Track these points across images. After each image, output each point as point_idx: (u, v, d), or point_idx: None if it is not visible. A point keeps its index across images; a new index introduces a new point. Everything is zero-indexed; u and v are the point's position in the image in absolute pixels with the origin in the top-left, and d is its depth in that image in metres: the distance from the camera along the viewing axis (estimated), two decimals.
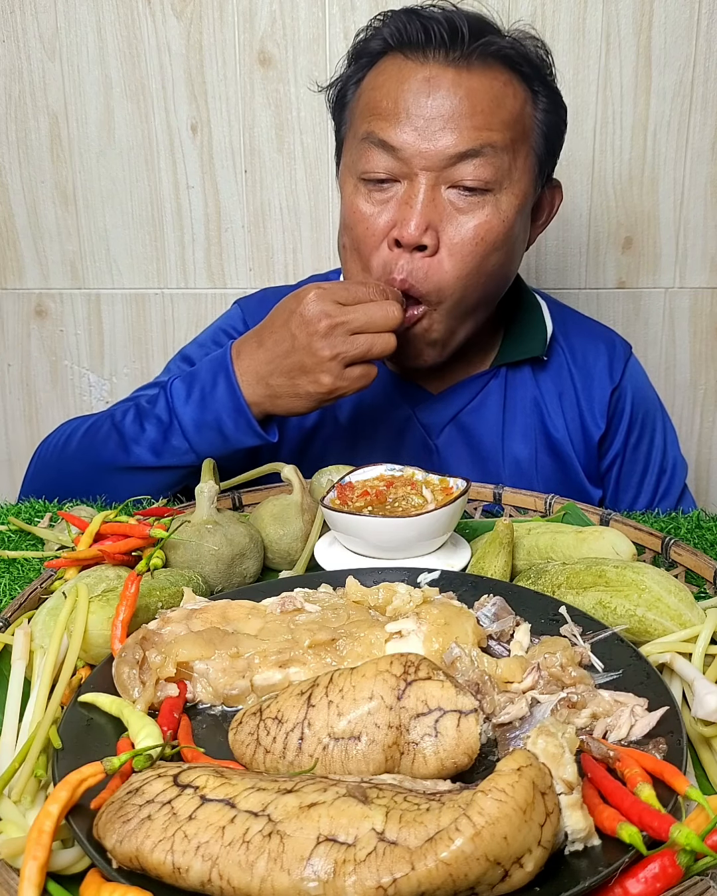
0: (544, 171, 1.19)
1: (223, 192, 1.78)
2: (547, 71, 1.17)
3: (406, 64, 1.11)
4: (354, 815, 0.48)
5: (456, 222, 1.10)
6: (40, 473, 1.27)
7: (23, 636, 0.74)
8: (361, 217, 1.13)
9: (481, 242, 1.10)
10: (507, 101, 1.10)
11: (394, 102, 1.10)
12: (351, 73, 1.18)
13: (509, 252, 1.15)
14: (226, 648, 0.69)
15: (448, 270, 1.10)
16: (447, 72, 1.09)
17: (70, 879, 0.54)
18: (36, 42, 1.71)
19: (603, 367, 1.33)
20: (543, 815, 0.48)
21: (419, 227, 1.08)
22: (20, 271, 1.85)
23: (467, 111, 1.08)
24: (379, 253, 1.12)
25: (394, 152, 1.09)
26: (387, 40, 1.13)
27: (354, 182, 1.14)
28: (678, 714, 0.63)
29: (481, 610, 0.75)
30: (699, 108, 1.71)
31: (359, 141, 1.14)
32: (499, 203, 1.11)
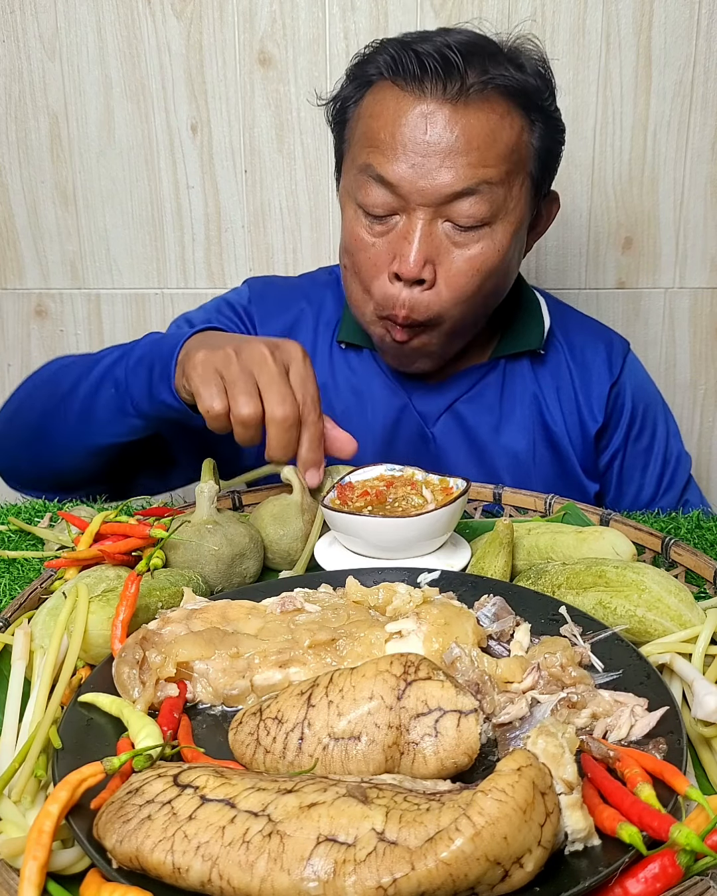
0: (541, 191, 1.21)
1: (223, 192, 1.78)
2: (546, 95, 1.16)
3: (403, 96, 1.11)
4: (354, 815, 0.48)
5: (452, 256, 1.13)
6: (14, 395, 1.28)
7: (23, 636, 0.74)
8: (362, 246, 1.16)
9: (477, 273, 1.14)
10: (503, 134, 1.11)
11: (391, 136, 1.10)
12: (350, 92, 1.19)
13: (504, 274, 1.19)
14: (226, 648, 0.69)
15: (446, 299, 1.14)
16: (444, 107, 1.09)
17: (70, 879, 0.54)
18: (36, 42, 1.71)
19: (602, 363, 1.35)
20: (543, 815, 0.48)
21: (418, 263, 1.11)
22: (20, 271, 1.85)
23: (463, 148, 1.08)
24: (380, 283, 1.15)
25: (392, 187, 1.11)
26: (381, 69, 1.13)
27: (355, 208, 1.17)
28: (678, 714, 0.63)
29: (481, 610, 0.75)
30: (699, 108, 1.71)
31: (358, 171, 1.15)
32: (494, 234, 1.13)
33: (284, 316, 1.34)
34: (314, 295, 1.36)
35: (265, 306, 1.35)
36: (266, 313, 1.34)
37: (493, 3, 1.66)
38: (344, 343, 1.33)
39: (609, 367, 1.35)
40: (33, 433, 1.19)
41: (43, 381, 1.22)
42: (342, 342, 1.33)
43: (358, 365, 1.33)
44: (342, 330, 1.32)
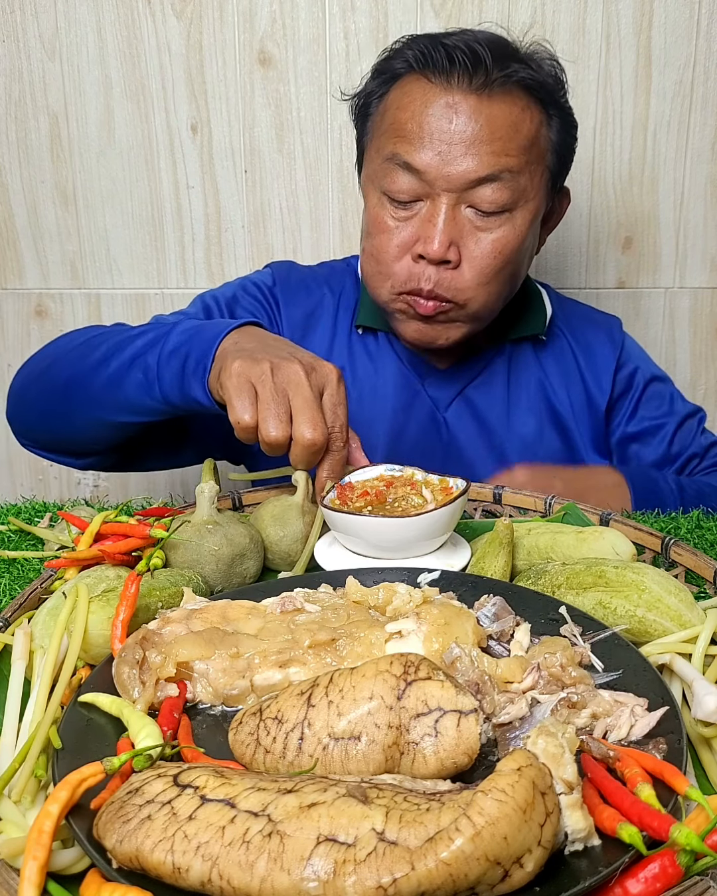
0: (557, 184, 1.28)
1: (223, 192, 1.78)
2: (561, 92, 1.24)
3: (430, 87, 1.17)
4: (354, 815, 0.48)
5: (475, 238, 1.19)
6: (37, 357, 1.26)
7: (23, 636, 0.74)
8: (385, 228, 1.21)
9: (499, 256, 1.20)
10: (524, 126, 1.18)
11: (418, 126, 1.16)
12: (374, 87, 1.25)
13: (521, 260, 1.25)
14: (226, 648, 0.69)
15: (469, 279, 1.20)
16: (469, 98, 1.15)
17: (70, 879, 0.54)
18: (36, 42, 1.71)
19: (604, 341, 1.42)
20: (543, 815, 0.48)
21: (443, 245, 1.17)
22: (20, 271, 1.85)
23: (486, 137, 1.15)
24: (401, 263, 1.21)
25: (418, 174, 1.17)
26: (410, 63, 1.19)
27: (379, 195, 1.22)
28: (678, 714, 0.63)
29: (481, 610, 0.75)
30: (699, 108, 1.71)
31: (384, 159, 1.21)
32: (514, 220, 1.20)
33: (307, 300, 1.39)
34: (335, 281, 1.42)
35: (289, 290, 1.39)
36: (290, 296, 1.39)
37: (493, 3, 1.66)
38: (361, 328, 1.37)
39: (612, 343, 1.42)
40: (56, 397, 1.18)
41: (74, 346, 1.20)
42: (360, 326, 1.37)
43: (375, 350, 1.38)
44: (360, 314, 1.37)
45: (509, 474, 1.18)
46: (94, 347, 1.16)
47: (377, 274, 1.24)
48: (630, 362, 1.43)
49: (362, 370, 1.37)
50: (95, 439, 1.21)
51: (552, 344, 1.41)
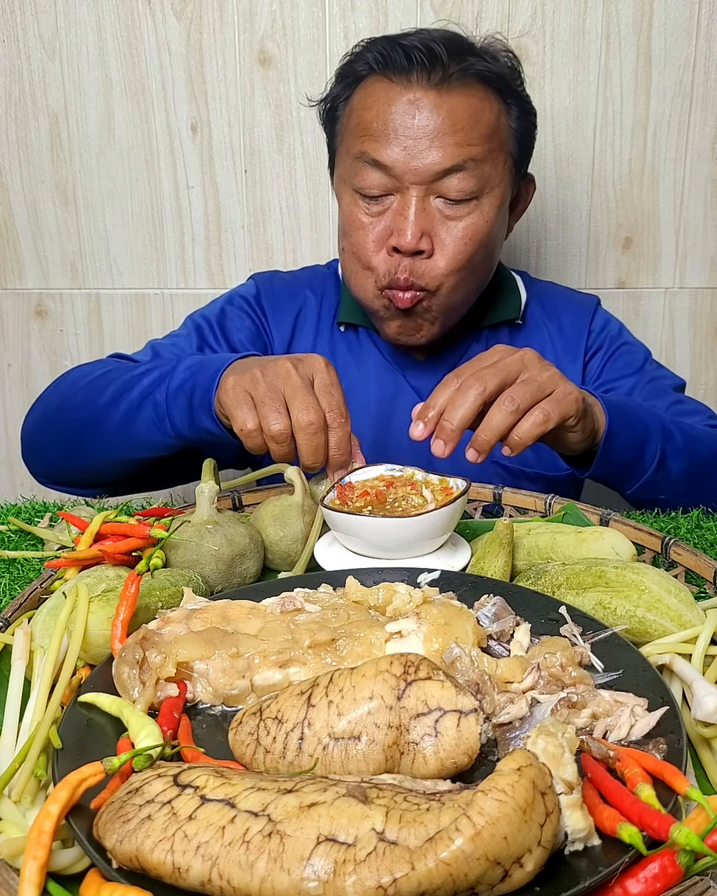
0: (520, 169, 1.32)
1: (223, 192, 1.78)
2: (518, 81, 1.29)
3: (392, 87, 1.21)
4: (354, 815, 0.48)
5: (446, 227, 1.23)
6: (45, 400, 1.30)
7: (23, 636, 0.74)
8: (360, 225, 1.25)
9: (470, 242, 1.23)
10: (484, 115, 1.22)
11: (383, 123, 1.21)
12: (340, 91, 1.29)
13: (492, 246, 1.29)
14: (226, 648, 0.69)
15: (443, 267, 1.23)
16: (430, 94, 1.20)
17: (70, 879, 0.54)
18: (36, 42, 1.71)
19: (574, 317, 1.45)
20: (543, 815, 0.48)
21: (415, 236, 1.20)
22: (20, 271, 1.85)
23: (449, 129, 1.19)
24: (379, 257, 1.24)
25: (386, 170, 1.21)
26: (371, 65, 1.23)
27: (351, 193, 1.26)
28: (677, 714, 0.63)
29: (481, 610, 0.75)
30: (699, 108, 1.71)
31: (353, 159, 1.25)
32: (482, 207, 1.24)
33: (292, 305, 1.44)
34: (317, 284, 1.47)
35: (274, 298, 1.44)
36: (275, 304, 1.44)
37: (493, 3, 1.66)
38: (343, 325, 1.42)
39: (584, 316, 1.45)
40: (70, 439, 1.23)
41: (81, 388, 1.24)
42: (342, 324, 1.42)
43: (356, 345, 1.42)
44: (341, 311, 1.41)
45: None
46: (101, 389, 1.20)
47: (360, 270, 1.27)
48: (602, 330, 1.44)
49: (344, 365, 1.39)
50: (114, 474, 1.26)
51: (528, 327, 1.44)
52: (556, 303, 1.46)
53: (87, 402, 1.21)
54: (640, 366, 1.42)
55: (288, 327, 1.43)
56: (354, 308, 1.39)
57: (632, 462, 1.12)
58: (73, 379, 1.28)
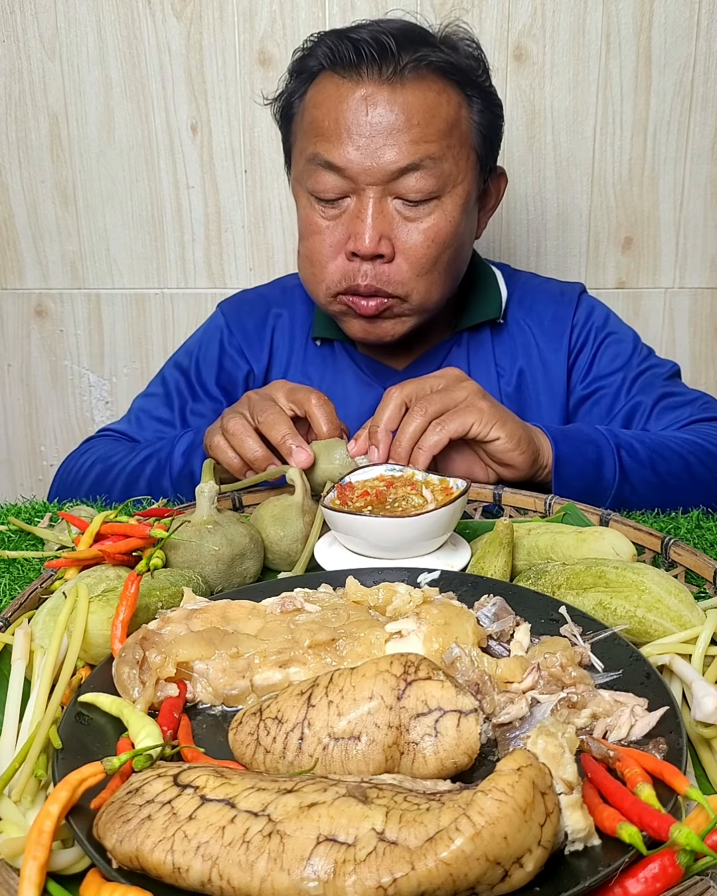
0: (486, 165, 1.26)
1: (223, 192, 1.79)
2: (480, 72, 1.22)
3: (342, 83, 1.16)
4: (354, 815, 0.48)
5: (406, 229, 1.18)
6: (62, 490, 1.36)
7: (23, 636, 0.74)
8: (317, 230, 1.21)
9: (432, 244, 1.19)
10: (441, 110, 1.16)
11: (335, 122, 1.16)
12: (294, 87, 1.25)
13: (458, 246, 1.24)
14: (226, 648, 0.69)
15: (406, 271, 1.19)
16: (382, 89, 1.14)
17: (70, 879, 0.54)
18: (36, 42, 1.71)
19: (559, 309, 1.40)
20: (543, 815, 0.48)
21: (373, 239, 1.16)
22: (20, 271, 1.85)
23: (403, 126, 1.14)
24: (335, 263, 1.21)
25: (340, 171, 1.17)
26: (321, 60, 1.19)
27: (307, 196, 1.22)
28: (677, 714, 0.62)
29: (481, 610, 0.75)
30: (699, 108, 1.71)
31: (306, 161, 1.21)
32: (444, 206, 1.19)
33: (263, 329, 1.42)
34: (286, 300, 1.43)
35: (243, 328, 1.43)
36: (245, 333, 1.42)
37: (493, 3, 1.66)
38: (318, 340, 1.39)
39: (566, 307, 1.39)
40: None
41: (90, 485, 1.29)
42: (316, 339, 1.39)
43: (332, 360, 1.39)
44: (316, 326, 1.38)
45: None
46: (110, 484, 1.26)
47: (312, 276, 1.24)
48: (587, 321, 1.40)
49: (322, 381, 1.38)
50: None
51: (510, 325, 1.39)
52: (537, 297, 1.41)
53: (101, 490, 1.25)
54: (627, 358, 1.38)
55: (265, 350, 1.41)
56: (327, 322, 1.36)
57: (592, 483, 1.10)
58: (75, 472, 1.33)
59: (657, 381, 1.36)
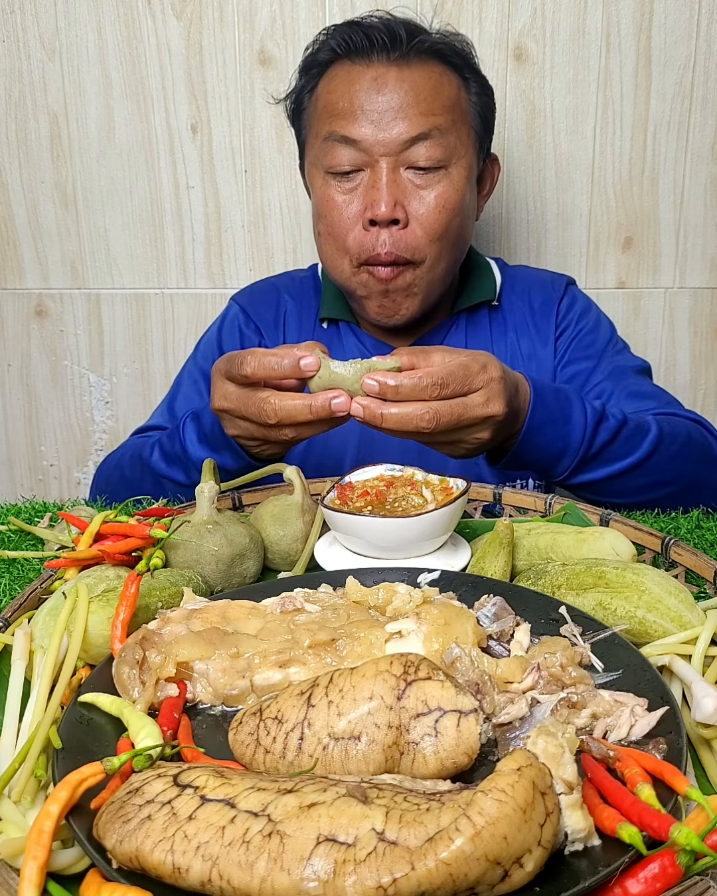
0: (484, 145, 1.37)
1: (223, 192, 1.78)
2: (473, 60, 1.35)
3: (354, 68, 1.28)
4: (354, 815, 0.48)
5: (419, 196, 1.27)
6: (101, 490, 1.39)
7: (23, 636, 0.74)
8: (334, 205, 1.29)
9: (443, 210, 1.28)
10: (444, 88, 1.28)
11: (349, 102, 1.27)
12: (304, 83, 1.35)
13: (465, 216, 1.33)
14: (226, 648, 0.69)
15: (421, 236, 1.27)
16: (391, 70, 1.26)
17: (70, 879, 0.54)
18: (36, 42, 1.71)
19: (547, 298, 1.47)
20: (543, 815, 0.48)
21: (389, 205, 1.24)
22: (20, 271, 1.85)
23: (412, 101, 1.25)
24: (354, 234, 1.28)
25: (355, 144, 1.26)
26: (335, 50, 1.30)
27: (323, 176, 1.30)
28: (677, 714, 0.63)
29: (481, 610, 0.75)
30: (699, 108, 1.71)
31: (322, 140, 1.30)
32: (451, 176, 1.28)
33: (276, 313, 1.48)
34: (294, 288, 1.51)
35: (257, 311, 1.49)
36: (261, 316, 1.49)
37: (493, 3, 1.66)
38: (325, 321, 1.45)
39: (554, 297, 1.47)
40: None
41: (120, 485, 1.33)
42: (324, 320, 1.45)
43: (338, 340, 1.45)
44: (323, 307, 1.45)
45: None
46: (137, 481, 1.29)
47: (335, 251, 1.30)
48: (569, 311, 1.46)
49: None
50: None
51: (505, 308, 1.47)
52: (528, 285, 1.49)
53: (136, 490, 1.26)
54: (602, 348, 1.43)
55: (279, 332, 1.48)
56: (334, 303, 1.43)
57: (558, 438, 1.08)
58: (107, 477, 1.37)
59: (628, 372, 1.41)
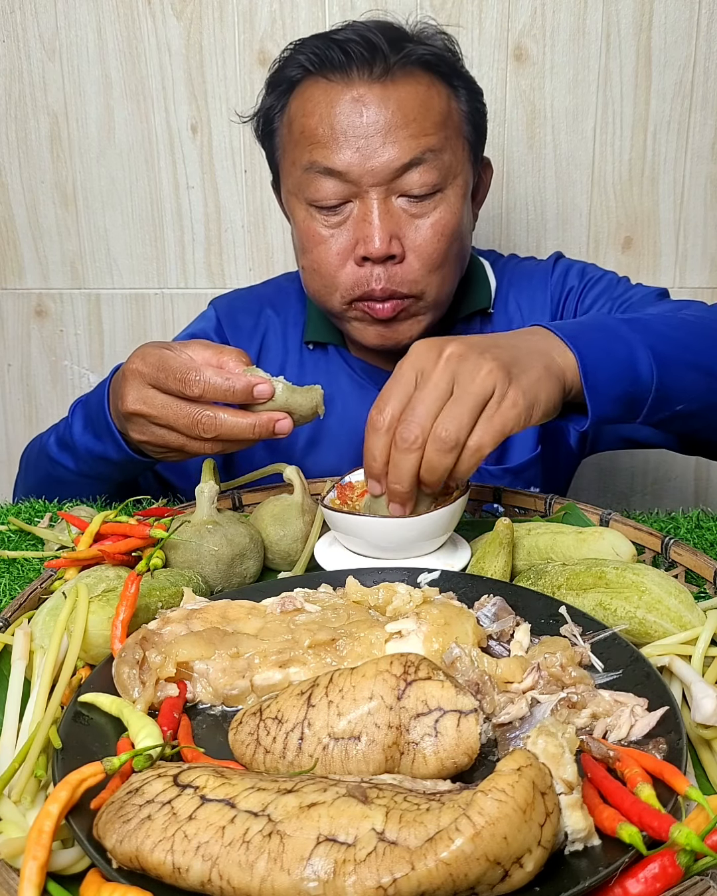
0: (477, 153, 1.25)
1: (223, 192, 1.79)
2: (459, 63, 1.22)
3: (332, 87, 1.14)
4: (354, 815, 0.48)
5: (414, 226, 1.16)
6: (21, 478, 1.37)
7: (23, 636, 0.74)
8: (320, 240, 1.18)
9: (442, 238, 1.17)
10: (434, 102, 1.15)
11: (329, 128, 1.13)
12: (273, 101, 1.21)
13: (463, 235, 1.23)
14: (226, 648, 0.69)
15: (418, 269, 1.17)
16: (374, 88, 1.12)
17: (70, 879, 0.54)
18: (36, 42, 1.71)
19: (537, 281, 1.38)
20: (543, 815, 0.48)
21: (384, 241, 1.13)
22: (20, 271, 1.85)
23: (400, 122, 1.12)
24: (346, 271, 1.17)
25: (341, 176, 1.14)
26: (305, 66, 1.15)
27: (305, 207, 1.19)
28: (677, 714, 0.62)
29: (481, 610, 0.75)
30: (699, 108, 1.71)
31: (303, 170, 1.17)
32: (448, 199, 1.17)
33: (255, 329, 1.39)
34: (279, 301, 1.40)
35: (235, 326, 1.39)
36: (237, 331, 1.39)
37: (493, 3, 1.66)
38: (311, 343, 1.36)
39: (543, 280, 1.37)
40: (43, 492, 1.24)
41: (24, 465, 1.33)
42: (309, 343, 1.36)
43: (325, 364, 1.36)
44: (308, 330, 1.35)
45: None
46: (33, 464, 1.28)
47: (323, 288, 1.20)
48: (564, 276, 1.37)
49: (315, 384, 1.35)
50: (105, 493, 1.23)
51: (500, 313, 1.37)
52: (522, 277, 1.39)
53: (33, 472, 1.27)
54: (613, 286, 1.33)
55: (253, 352, 1.37)
56: (320, 325, 1.34)
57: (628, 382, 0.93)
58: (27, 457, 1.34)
59: (649, 297, 1.30)
